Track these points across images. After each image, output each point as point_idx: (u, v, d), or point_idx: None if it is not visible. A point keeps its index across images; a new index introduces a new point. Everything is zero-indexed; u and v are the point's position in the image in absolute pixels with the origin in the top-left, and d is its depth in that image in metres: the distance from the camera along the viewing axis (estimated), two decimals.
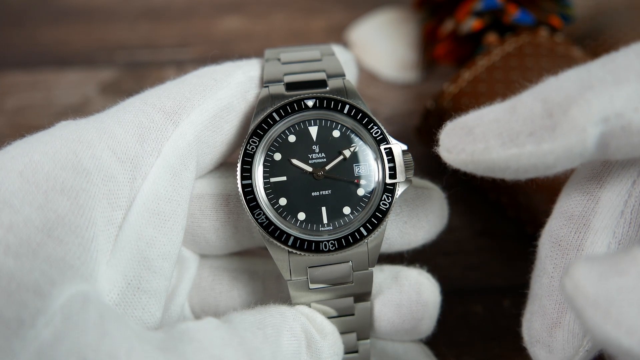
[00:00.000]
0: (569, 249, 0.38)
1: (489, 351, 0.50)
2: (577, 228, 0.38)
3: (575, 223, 0.38)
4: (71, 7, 0.76)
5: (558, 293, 0.38)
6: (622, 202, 0.37)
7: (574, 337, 0.37)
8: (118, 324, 0.31)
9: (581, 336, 0.37)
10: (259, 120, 0.40)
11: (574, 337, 0.37)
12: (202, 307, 0.45)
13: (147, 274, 0.37)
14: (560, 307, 0.38)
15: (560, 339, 0.38)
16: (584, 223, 0.38)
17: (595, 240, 0.37)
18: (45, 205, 0.33)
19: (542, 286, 0.39)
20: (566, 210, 0.39)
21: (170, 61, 0.70)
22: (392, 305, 0.42)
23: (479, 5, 0.61)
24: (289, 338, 0.36)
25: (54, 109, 0.66)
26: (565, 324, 0.37)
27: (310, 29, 0.74)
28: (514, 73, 0.56)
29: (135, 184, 0.36)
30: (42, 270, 0.31)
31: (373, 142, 0.41)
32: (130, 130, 0.37)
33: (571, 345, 0.37)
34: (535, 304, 0.40)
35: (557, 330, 0.38)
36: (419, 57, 0.68)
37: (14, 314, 0.29)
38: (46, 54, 0.71)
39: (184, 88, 0.40)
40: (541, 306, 0.39)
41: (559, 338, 0.38)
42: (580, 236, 0.38)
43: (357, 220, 0.40)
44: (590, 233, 0.37)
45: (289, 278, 0.40)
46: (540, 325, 0.39)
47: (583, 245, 0.38)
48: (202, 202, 0.42)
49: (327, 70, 0.43)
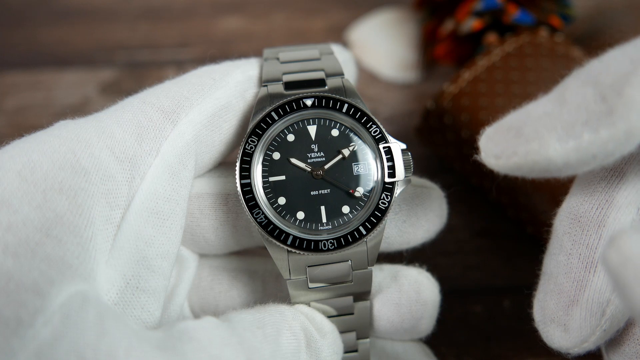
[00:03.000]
0: (590, 226, 0.36)
1: (489, 351, 0.50)
2: (599, 204, 0.36)
3: (598, 199, 0.36)
4: (71, 7, 0.76)
5: (576, 270, 0.37)
6: None
7: (592, 315, 0.36)
8: (117, 323, 0.31)
9: (599, 315, 0.36)
10: (257, 119, 0.40)
11: (592, 316, 0.36)
12: (202, 306, 0.45)
13: (146, 273, 0.37)
14: (579, 284, 0.36)
15: (577, 318, 0.36)
16: (607, 199, 0.36)
17: (618, 217, 0.36)
18: (43, 204, 0.33)
19: (559, 264, 0.38)
20: (588, 186, 0.37)
21: (170, 61, 0.70)
22: (392, 304, 0.42)
23: (479, 5, 0.61)
24: (288, 337, 0.36)
25: (54, 109, 0.66)
26: (584, 302, 0.36)
27: (310, 29, 0.74)
28: (514, 73, 0.56)
29: (134, 183, 0.36)
30: (40, 269, 0.31)
31: (372, 141, 0.41)
32: (128, 129, 0.37)
33: (589, 325, 0.36)
34: (551, 283, 0.38)
35: (574, 308, 0.36)
36: (419, 57, 0.68)
37: (13, 314, 0.29)
38: (46, 54, 0.71)
39: (183, 87, 0.40)
40: (557, 284, 0.37)
41: (576, 317, 0.36)
42: (603, 212, 0.36)
43: (356, 219, 0.40)
44: (613, 209, 0.36)
45: (288, 277, 0.40)
46: (556, 304, 0.37)
47: (605, 221, 0.36)
48: (201, 201, 0.42)
49: (325, 70, 0.43)
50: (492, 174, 0.53)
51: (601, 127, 0.30)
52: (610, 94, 0.30)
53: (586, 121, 0.30)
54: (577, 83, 0.32)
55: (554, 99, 0.33)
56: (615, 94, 0.30)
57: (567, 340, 0.37)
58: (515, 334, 0.50)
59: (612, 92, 0.30)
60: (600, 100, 0.30)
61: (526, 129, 0.32)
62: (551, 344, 0.38)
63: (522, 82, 0.55)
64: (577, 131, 0.30)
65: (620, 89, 0.30)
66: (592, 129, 0.30)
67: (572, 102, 0.31)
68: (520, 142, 0.32)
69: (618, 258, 0.26)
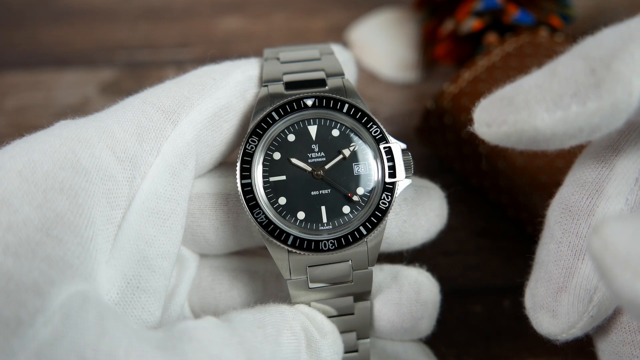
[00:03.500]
0: (580, 215, 0.37)
1: (489, 351, 0.50)
2: (589, 194, 0.37)
3: (588, 189, 0.37)
4: (71, 7, 0.76)
5: (565, 258, 0.38)
6: (637, 170, 0.37)
7: (580, 301, 0.37)
8: (117, 323, 0.31)
9: (587, 301, 0.36)
10: (258, 119, 0.40)
11: (580, 302, 0.37)
12: (202, 306, 0.45)
13: (147, 273, 0.37)
14: (567, 272, 0.37)
15: (565, 304, 0.37)
16: (597, 189, 0.37)
17: (607, 207, 0.37)
18: (44, 204, 0.33)
19: (549, 252, 0.39)
20: (580, 177, 0.38)
21: (170, 61, 0.70)
22: (392, 304, 0.42)
23: (479, 5, 0.61)
24: (288, 337, 0.36)
25: (54, 109, 0.66)
26: (572, 288, 0.37)
27: (310, 29, 0.74)
28: (514, 73, 0.56)
29: (135, 183, 0.36)
30: (41, 269, 0.31)
31: (372, 141, 0.41)
32: (129, 129, 0.37)
33: (576, 310, 0.37)
34: (541, 271, 0.39)
35: (562, 294, 0.37)
36: (419, 57, 0.68)
37: (13, 314, 0.29)
38: (46, 54, 0.71)
39: (183, 87, 0.40)
40: (547, 272, 0.38)
41: (564, 302, 0.37)
42: (593, 202, 0.37)
43: (356, 219, 0.40)
44: (602, 199, 0.37)
45: (289, 277, 0.40)
46: (546, 290, 0.38)
47: (594, 211, 0.37)
48: (201, 201, 0.42)
49: (326, 70, 0.43)
50: (492, 174, 0.54)
51: (588, 100, 0.30)
52: (600, 68, 0.31)
53: (575, 93, 0.31)
54: (570, 57, 0.33)
55: (546, 71, 0.33)
56: (604, 67, 0.30)
57: (555, 326, 0.38)
58: (515, 334, 0.50)
59: (601, 65, 0.31)
60: (590, 73, 0.31)
61: (517, 98, 0.33)
62: (540, 329, 0.39)
63: None
64: (565, 102, 0.31)
65: (609, 63, 0.30)
66: (580, 101, 0.31)
67: (562, 74, 0.32)
68: (510, 111, 0.33)
69: (600, 244, 0.27)
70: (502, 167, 0.53)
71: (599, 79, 0.30)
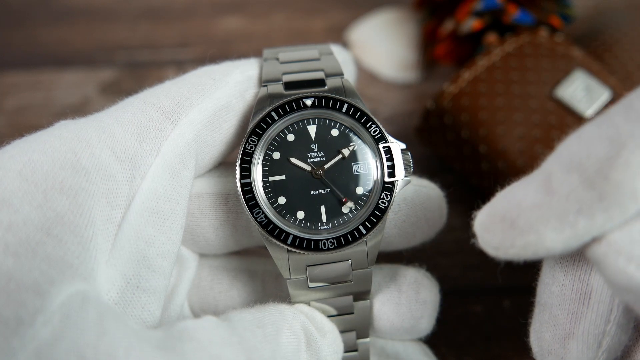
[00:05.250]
0: (581, 255, 0.36)
1: (489, 351, 0.50)
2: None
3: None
4: (71, 7, 0.76)
5: (570, 302, 0.37)
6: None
7: (589, 348, 0.36)
8: (117, 322, 0.31)
9: (596, 347, 0.36)
10: (257, 119, 0.40)
11: (589, 349, 0.36)
12: (202, 306, 0.45)
13: (147, 273, 0.37)
14: (573, 317, 0.37)
15: (574, 351, 0.36)
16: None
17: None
18: (44, 204, 0.33)
19: (552, 294, 0.38)
20: None
21: (170, 61, 0.71)
22: (391, 303, 0.42)
23: (479, 5, 0.61)
24: (288, 336, 0.36)
25: (54, 109, 0.66)
26: (579, 335, 0.36)
27: (310, 29, 0.74)
28: (514, 73, 0.56)
29: (134, 183, 0.36)
30: (41, 269, 0.31)
31: (372, 140, 0.41)
32: (129, 129, 0.37)
33: (586, 357, 0.36)
34: (545, 314, 0.38)
35: (570, 341, 0.37)
36: (419, 57, 0.68)
37: (13, 313, 0.29)
38: (46, 54, 0.71)
39: (183, 87, 0.40)
40: (552, 316, 0.38)
41: (572, 350, 0.36)
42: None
43: (356, 218, 0.40)
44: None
45: (288, 277, 0.40)
46: (552, 336, 0.38)
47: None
48: (201, 201, 0.42)
49: (325, 70, 0.43)
50: (492, 174, 0.54)
51: (596, 214, 0.30)
52: (598, 180, 0.31)
53: (579, 210, 0.31)
54: (560, 169, 0.32)
55: (540, 188, 0.33)
56: (602, 179, 0.30)
57: None
58: (515, 334, 0.50)
59: (598, 178, 0.31)
60: (589, 188, 0.31)
61: (519, 220, 0.32)
62: None
63: (522, 82, 0.55)
64: (572, 220, 0.31)
65: (607, 174, 0.30)
66: (586, 216, 0.31)
67: (559, 192, 0.32)
68: (516, 235, 0.32)
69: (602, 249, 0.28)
70: (502, 167, 0.53)
71: (600, 192, 0.30)
